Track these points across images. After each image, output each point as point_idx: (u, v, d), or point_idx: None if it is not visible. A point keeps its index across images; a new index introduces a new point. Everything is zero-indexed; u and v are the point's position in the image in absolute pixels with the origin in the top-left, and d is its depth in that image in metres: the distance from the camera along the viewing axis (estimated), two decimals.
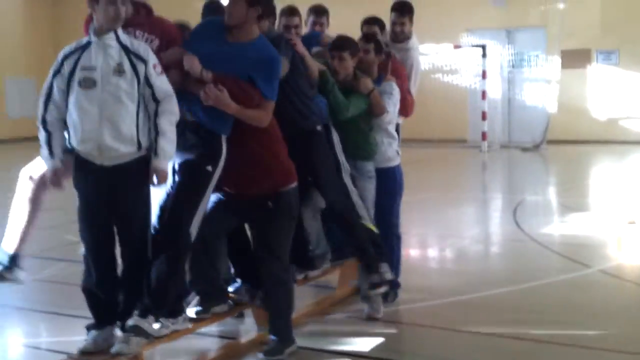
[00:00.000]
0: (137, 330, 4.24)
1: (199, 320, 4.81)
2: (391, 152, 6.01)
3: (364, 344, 5.25)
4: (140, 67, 4.23)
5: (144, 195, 4.37)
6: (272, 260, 4.83)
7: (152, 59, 4.29)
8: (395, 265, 6.07)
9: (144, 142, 4.26)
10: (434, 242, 8.36)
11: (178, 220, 4.46)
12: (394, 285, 6.05)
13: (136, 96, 4.21)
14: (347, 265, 6.10)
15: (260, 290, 5.00)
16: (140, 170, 4.29)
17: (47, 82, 4.27)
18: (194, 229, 4.50)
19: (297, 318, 5.53)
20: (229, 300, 5.03)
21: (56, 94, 4.25)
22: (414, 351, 5.28)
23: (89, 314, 4.49)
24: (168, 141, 4.28)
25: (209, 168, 4.53)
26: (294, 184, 4.91)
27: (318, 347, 5.16)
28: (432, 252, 8.30)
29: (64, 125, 4.28)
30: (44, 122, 4.29)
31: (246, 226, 5.15)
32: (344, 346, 5.21)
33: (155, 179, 4.30)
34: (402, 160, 6.19)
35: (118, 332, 4.31)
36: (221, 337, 5.40)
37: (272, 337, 4.89)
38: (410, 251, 7.99)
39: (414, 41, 6.54)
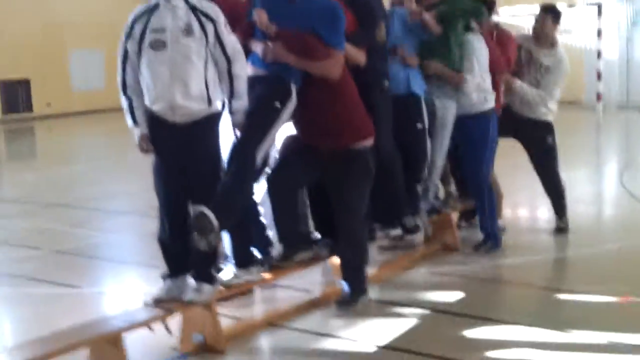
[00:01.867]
0: (202, 217, 4.18)
1: (282, 268, 4.85)
2: (477, 96, 5.93)
3: (442, 298, 5.18)
4: (209, 27, 4.27)
5: (215, 150, 4.45)
6: (347, 215, 4.83)
7: (222, 19, 4.32)
8: (489, 216, 6.08)
9: (214, 99, 4.32)
10: (537, 202, 8.11)
11: (245, 142, 4.49)
12: (492, 237, 6.09)
13: (204, 55, 4.27)
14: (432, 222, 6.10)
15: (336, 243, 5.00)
16: (211, 126, 4.39)
17: (120, 45, 4.39)
18: (259, 156, 4.52)
19: (378, 273, 5.52)
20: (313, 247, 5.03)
21: (131, 56, 4.35)
22: (496, 307, 5.18)
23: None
24: (242, 99, 4.39)
25: (277, 104, 4.55)
26: (370, 141, 4.85)
27: (395, 299, 5.13)
28: (534, 211, 8.10)
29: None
30: (124, 85, 4.41)
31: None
32: (422, 300, 5.16)
33: (238, 132, 4.45)
34: None
35: (191, 282, 4.40)
36: (296, 289, 5.41)
37: (345, 288, 4.90)
38: (513, 209, 7.89)
39: (562, 52, 6.61)
